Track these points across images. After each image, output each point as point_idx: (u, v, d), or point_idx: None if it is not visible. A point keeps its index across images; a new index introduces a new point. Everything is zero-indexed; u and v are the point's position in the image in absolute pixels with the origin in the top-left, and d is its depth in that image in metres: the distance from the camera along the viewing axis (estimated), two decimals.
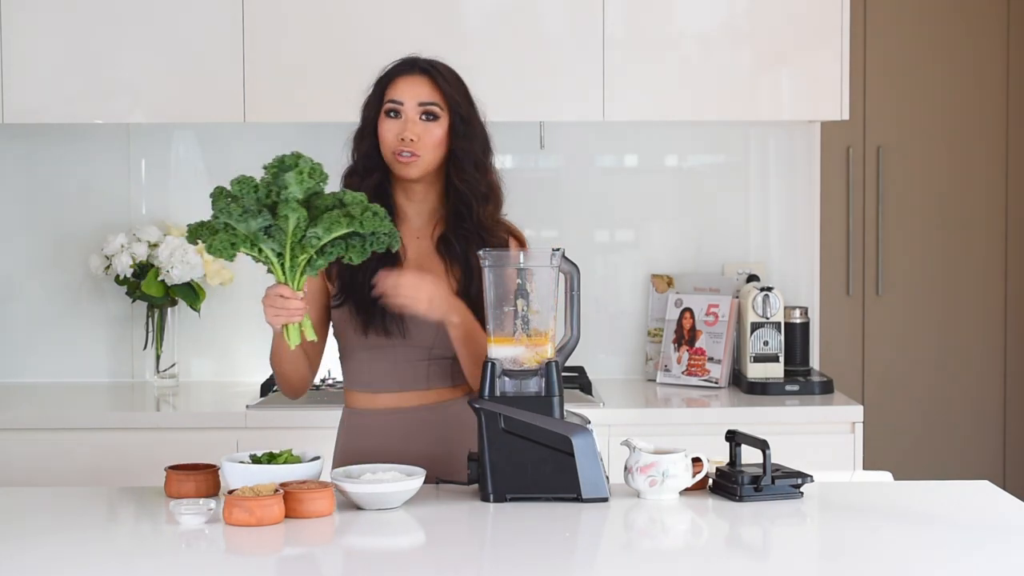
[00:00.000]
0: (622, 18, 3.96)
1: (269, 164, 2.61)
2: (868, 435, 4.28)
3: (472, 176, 2.86)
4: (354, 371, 2.92)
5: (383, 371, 2.88)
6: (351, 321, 2.86)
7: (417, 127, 2.82)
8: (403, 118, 2.83)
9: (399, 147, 2.82)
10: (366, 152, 2.88)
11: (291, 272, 2.59)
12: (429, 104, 2.83)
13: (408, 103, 2.83)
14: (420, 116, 2.83)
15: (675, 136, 4.35)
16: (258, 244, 2.57)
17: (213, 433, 3.71)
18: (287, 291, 2.60)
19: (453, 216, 2.88)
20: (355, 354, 2.90)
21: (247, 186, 2.57)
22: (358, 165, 2.90)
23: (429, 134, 2.83)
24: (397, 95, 2.84)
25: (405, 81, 2.86)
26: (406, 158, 2.82)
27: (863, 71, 5.03)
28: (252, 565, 2.34)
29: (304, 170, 2.57)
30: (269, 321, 2.64)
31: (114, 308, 4.30)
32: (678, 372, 4.12)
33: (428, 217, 2.91)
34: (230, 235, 2.56)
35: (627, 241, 4.37)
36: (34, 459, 3.71)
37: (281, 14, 3.94)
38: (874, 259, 5.11)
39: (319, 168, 2.60)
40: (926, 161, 5.10)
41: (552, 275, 2.68)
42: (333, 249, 2.58)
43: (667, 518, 2.57)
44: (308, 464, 2.62)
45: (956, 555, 2.35)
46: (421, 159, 2.82)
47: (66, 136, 4.27)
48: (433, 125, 2.83)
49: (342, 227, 2.55)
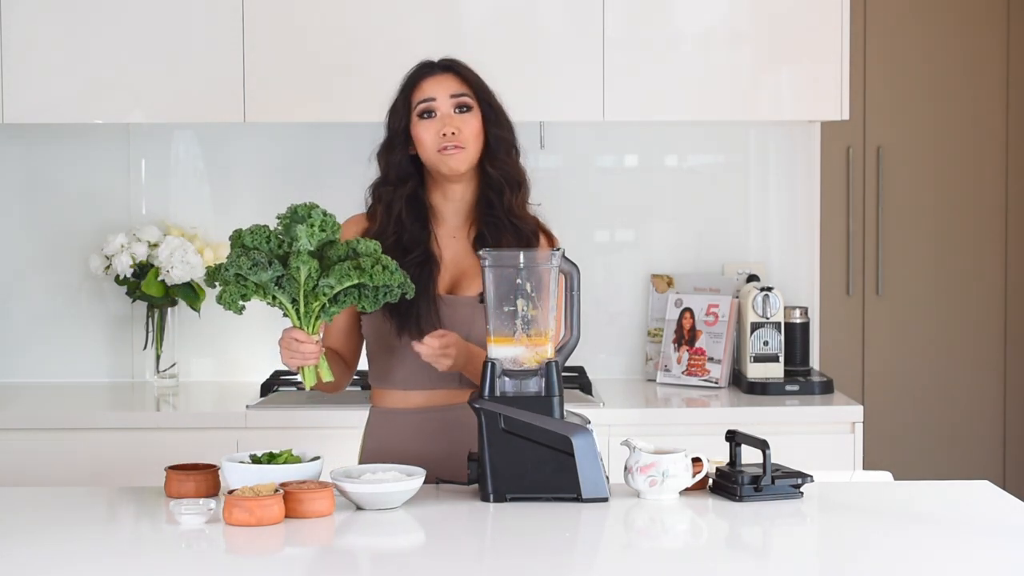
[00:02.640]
0: (622, 18, 3.96)
1: (282, 214, 2.66)
2: (868, 435, 4.28)
3: (506, 163, 2.91)
4: (385, 370, 2.94)
5: (415, 370, 2.89)
6: (384, 323, 2.87)
7: (455, 120, 2.86)
8: (438, 115, 2.86)
9: (442, 143, 2.85)
10: (398, 162, 2.91)
11: (306, 318, 2.65)
12: (461, 95, 2.88)
13: (440, 97, 2.87)
14: (454, 109, 2.86)
15: (675, 136, 4.35)
16: (271, 293, 2.62)
17: (213, 433, 3.71)
18: (302, 335, 2.65)
19: (484, 205, 2.91)
20: (387, 353, 2.92)
21: (260, 236, 2.62)
22: (389, 175, 2.93)
23: (467, 125, 2.87)
24: (428, 92, 2.88)
25: (431, 80, 2.90)
26: (452, 151, 2.85)
27: (863, 71, 5.03)
28: (252, 565, 2.34)
29: (315, 223, 2.62)
30: (285, 363, 2.70)
31: (114, 308, 4.30)
32: (678, 372, 4.12)
33: (465, 216, 2.94)
34: (240, 287, 2.62)
35: (627, 241, 4.37)
36: (34, 459, 3.71)
37: (281, 14, 3.94)
38: (874, 259, 5.11)
39: (331, 220, 2.64)
40: (926, 161, 5.10)
41: (552, 275, 2.68)
42: (346, 298, 2.64)
43: (667, 518, 2.57)
44: (308, 464, 2.62)
45: (956, 555, 2.35)
46: (466, 150, 2.87)
47: (66, 136, 4.27)
48: (469, 116, 2.88)
49: (352, 279, 2.61)
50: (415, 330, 2.84)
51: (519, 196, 2.92)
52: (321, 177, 4.24)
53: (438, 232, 2.93)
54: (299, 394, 3.88)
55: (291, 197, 3.89)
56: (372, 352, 2.96)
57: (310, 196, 2.93)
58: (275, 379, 3.98)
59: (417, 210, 2.92)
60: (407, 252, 2.86)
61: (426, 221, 2.92)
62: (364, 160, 3.01)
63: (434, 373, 2.88)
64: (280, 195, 4.20)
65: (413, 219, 2.91)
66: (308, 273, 2.60)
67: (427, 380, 2.89)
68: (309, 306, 2.63)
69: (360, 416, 3.04)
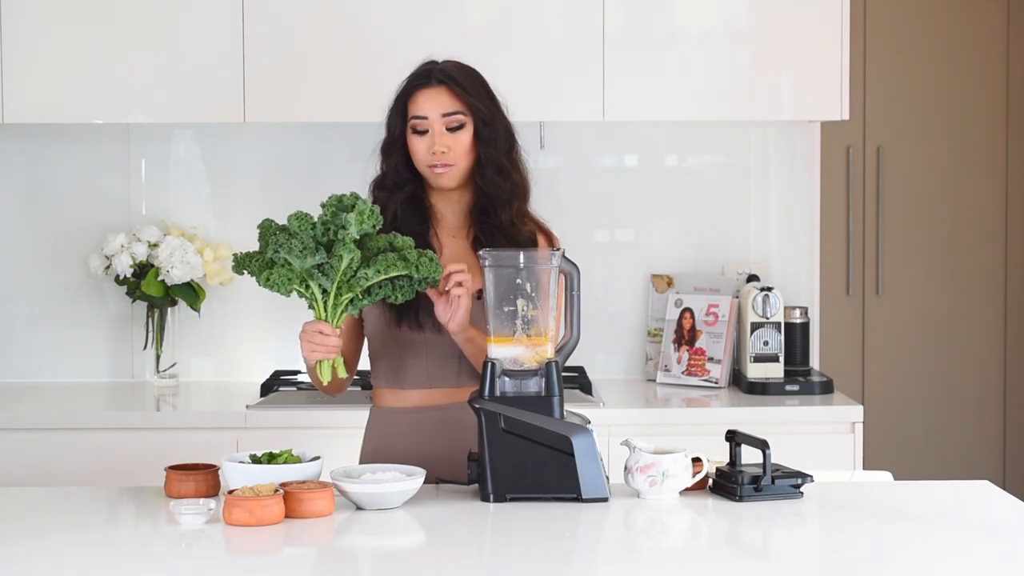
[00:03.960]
0: (622, 18, 3.96)
1: (327, 203, 2.65)
2: (868, 435, 4.29)
3: (494, 181, 2.91)
4: (384, 369, 2.94)
5: (414, 368, 2.90)
6: (384, 313, 2.88)
7: (446, 139, 2.87)
8: (430, 132, 2.87)
9: (432, 160, 2.87)
10: (395, 166, 2.93)
11: (333, 310, 2.65)
12: (452, 114, 2.88)
13: (432, 116, 2.87)
14: (446, 128, 2.87)
15: (675, 136, 4.35)
16: (307, 280, 2.62)
17: (213, 433, 3.71)
18: (327, 328, 2.65)
19: (480, 214, 2.93)
20: (386, 351, 2.92)
21: (305, 223, 2.62)
22: (387, 179, 2.94)
23: (458, 143, 2.87)
24: (420, 110, 2.88)
25: (425, 95, 2.89)
26: (440, 170, 2.87)
27: (863, 71, 5.03)
28: (252, 565, 2.34)
29: (364, 212, 2.63)
30: (305, 356, 2.70)
31: (114, 308, 4.30)
32: (678, 372, 4.12)
33: (464, 216, 2.96)
34: (287, 270, 2.61)
35: (627, 241, 4.37)
36: (34, 459, 3.71)
37: (281, 14, 3.94)
38: (874, 259, 5.11)
39: (376, 210, 2.66)
40: (926, 161, 5.10)
41: (552, 275, 2.68)
42: (380, 290, 2.65)
43: (667, 518, 2.57)
44: (308, 464, 2.62)
45: (956, 555, 2.35)
46: (455, 168, 2.88)
47: (66, 136, 4.27)
48: (460, 133, 2.88)
49: (398, 270, 2.62)
50: (413, 321, 2.85)
51: (511, 210, 2.92)
52: (321, 177, 4.24)
53: (438, 230, 2.95)
54: (299, 394, 3.88)
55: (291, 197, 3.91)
56: (374, 351, 2.96)
57: (310, 196, 2.93)
58: (275, 379, 3.98)
59: (417, 208, 2.93)
60: None
61: (426, 217, 2.93)
62: (364, 160, 3.01)
63: (432, 372, 2.88)
64: (280, 195, 4.24)
65: (412, 214, 2.92)
66: (349, 263, 2.60)
67: (425, 379, 2.90)
68: (340, 297, 2.64)
69: (360, 416, 3.04)
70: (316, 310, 2.66)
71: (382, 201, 2.91)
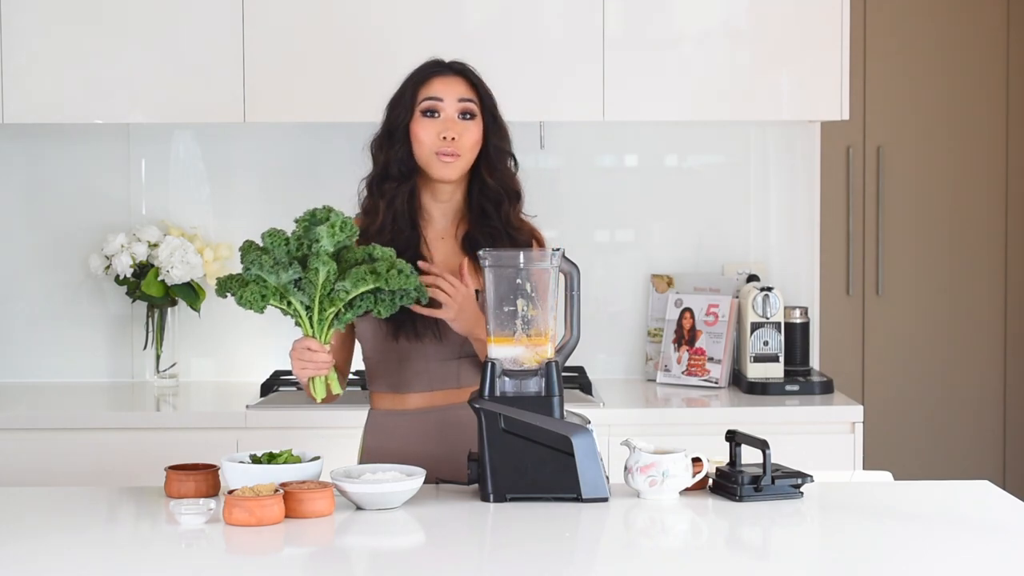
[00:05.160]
0: (622, 18, 3.96)
1: (300, 217, 2.64)
2: (868, 435, 4.28)
3: (505, 174, 2.89)
4: (381, 373, 2.92)
5: (415, 376, 2.88)
6: (380, 327, 2.86)
7: (457, 126, 2.83)
8: (442, 117, 2.84)
9: (440, 147, 2.82)
10: (401, 157, 2.87)
11: (319, 326, 2.64)
12: (468, 101, 2.85)
13: (447, 99, 2.84)
14: (459, 115, 2.84)
15: (675, 136, 4.35)
16: (287, 297, 2.61)
17: (213, 433, 3.71)
18: (315, 344, 2.64)
19: (479, 215, 2.90)
20: (385, 363, 2.90)
21: (278, 239, 2.61)
22: (392, 170, 2.88)
23: (468, 133, 2.84)
24: (436, 91, 2.84)
25: (441, 80, 2.86)
26: (447, 159, 2.82)
27: (863, 71, 5.03)
28: (252, 565, 2.34)
29: (336, 224, 2.61)
30: (296, 374, 2.68)
31: (114, 308, 4.30)
32: (678, 372, 4.12)
33: (452, 217, 2.93)
34: (260, 287, 2.60)
35: (627, 241, 4.37)
36: (34, 459, 3.71)
37: (281, 14, 3.94)
38: (874, 259, 5.11)
39: (350, 222, 2.63)
40: (926, 161, 5.10)
41: (552, 275, 2.68)
42: (362, 303, 2.63)
43: (667, 518, 2.57)
44: (308, 464, 2.62)
45: (956, 555, 2.35)
46: (461, 159, 2.84)
47: (66, 136, 4.27)
48: (471, 124, 2.85)
49: (368, 284, 2.59)
50: (411, 333, 2.83)
51: (516, 207, 2.91)
52: (321, 177, 4.24)
53: (427, 235, 2.90)
54: (299, 394, 3.88)
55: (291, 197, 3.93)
56: (369, 358, 2.94)
57: (310, 196, 2.94)
58: (275, 379, 3.98)
59: (409, 210, 2.90)
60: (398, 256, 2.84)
61: (415, 223, 2.91)
62: (364, 160, 3.00)
63: (433, 375, 2.88)
64: (280, 195, 4.24)
65: (405, 218, 2.88)
66: (327, 275, 2.59)
67: (426, 382, 2.89)
68: (323, 312, 2.62)
69: (360, 416, 3.04)
70: (303, 327, 2.65)
71: (388, 192, 2.87)
